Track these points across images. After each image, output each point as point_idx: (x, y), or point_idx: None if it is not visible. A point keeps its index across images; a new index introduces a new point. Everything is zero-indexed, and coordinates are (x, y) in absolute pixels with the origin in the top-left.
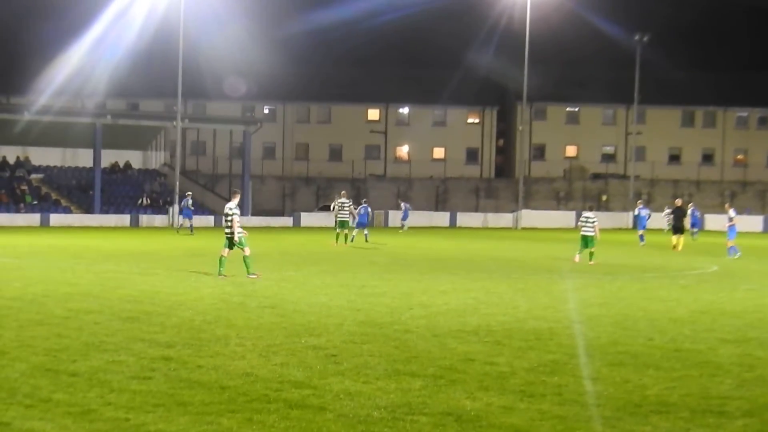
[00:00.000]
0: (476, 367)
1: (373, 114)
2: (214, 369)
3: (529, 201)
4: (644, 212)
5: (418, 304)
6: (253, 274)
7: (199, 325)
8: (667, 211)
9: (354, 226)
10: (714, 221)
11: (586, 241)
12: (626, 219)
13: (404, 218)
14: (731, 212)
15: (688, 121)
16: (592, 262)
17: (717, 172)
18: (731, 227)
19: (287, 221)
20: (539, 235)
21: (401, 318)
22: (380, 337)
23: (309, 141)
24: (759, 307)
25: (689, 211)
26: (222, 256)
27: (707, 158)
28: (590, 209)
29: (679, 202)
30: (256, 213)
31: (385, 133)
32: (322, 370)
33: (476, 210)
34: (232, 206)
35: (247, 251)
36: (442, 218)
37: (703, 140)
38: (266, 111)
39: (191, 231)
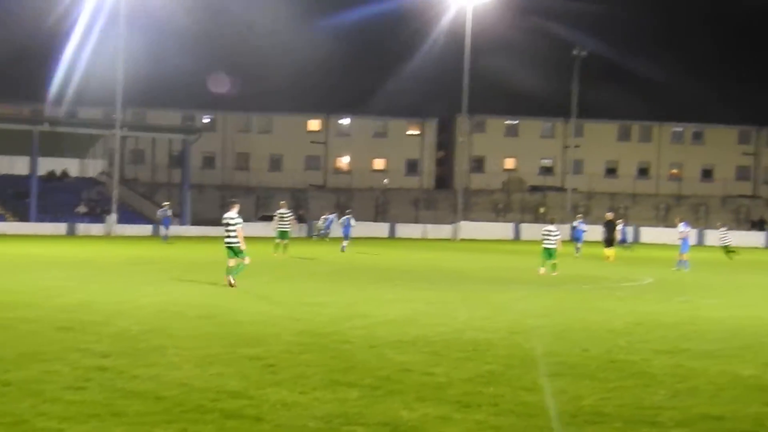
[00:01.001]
0: (414, 377)
1: (314, 124)
2: (150, 379)
3: (468, 213)
4: (583, 226)
5: (357, 315)
6: (233, 282)
7: (136, 335)
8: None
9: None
10: (649, 234)
11: (549, 254)
12: (564, 231)
13: (328, 226)
14: (681, 226)
15: (625, 136)
16: (555, 273)
17: (653, 186)
18: (684, 240)
19: None
20: (478, 247)
21: (340, 328)
22: (319, 347)
23: (249, 151)
24: (693, 318)
25: (618, 227)
26: (230, 266)
27: (643, 172)
28: (551, 222)
29: (610, 215)
30: (196, 223)
31: (326, 143)
32: (259, 380)
33: (415, 221)
34: (234, 216)
35: (248, 260)
36: (381, 229)
37: (639, 154)
38: (206, 120)
39: (165, 239)
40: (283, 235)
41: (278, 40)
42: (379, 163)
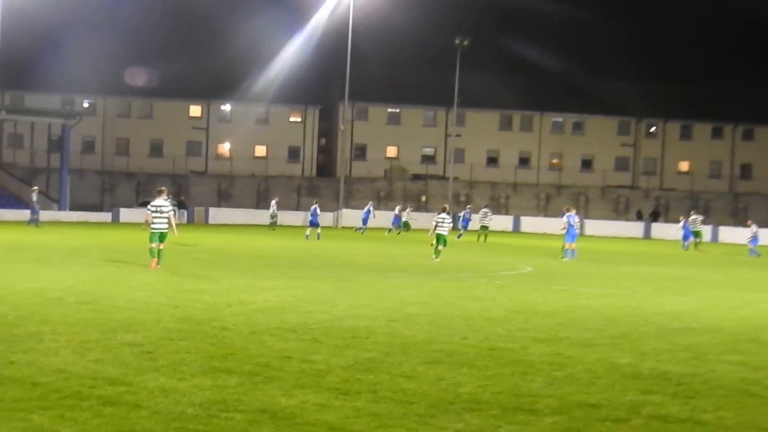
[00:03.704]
0: (293, 364)
1: (195, 110)
2: (26, 365)
3: (350, 200)
4: (468, 215)
5: (236, 302)
6: (158, 266)
7: (13, 321)
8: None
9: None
10: (530, 223)
11: (441, 240)
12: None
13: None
14: (567, 216)
15: (506, 125)
16: (437, 260)
17: (533, 175)
18: (570, 229)
19: (106, 216)
20: (359, 234)
21: (219, 315)
22: (198, 334)
23: (129, 136)
24: (571, 307)
25: (462, 214)
26: (152, 248)
27: (524, 161)
28: (444, 210)
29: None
30: (75, 208)
31: (207, 129)
32: (137, 367)
33: (297, 208)
34: (163, 203)
35: (162, 245)
36: (263, 216)
37: (520, 144)
38: (86, 105)
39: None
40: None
41: (158, 24)
42: (260, 150)
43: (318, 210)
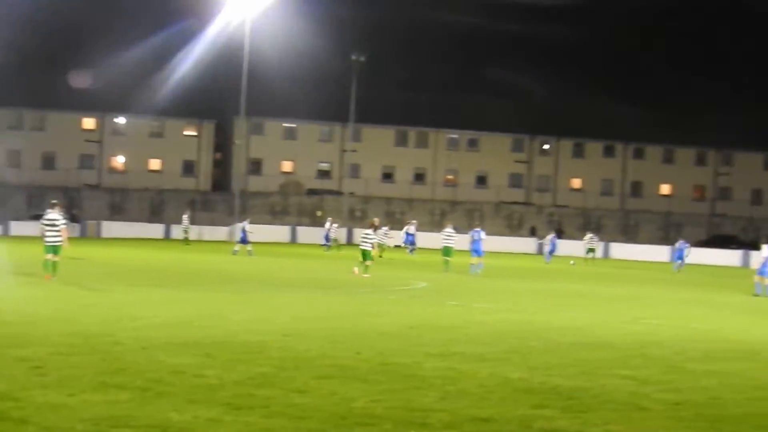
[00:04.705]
0: (185, 379)
1: (89, 123)
2: None
3: (245, 215)
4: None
5: (128, 317)
6: (54, 277)
7: None
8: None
9: None
10: (425, 239)
11: (365, 255)
12: (342, 235)
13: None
14: (474, 233)
15: (402, 141)
16: (367, 276)
17: (428, 191)
18: (475, 243)
19: None
20: (254, 249)
21: (110, 330)
22: (88, 348)
23: (21, 148)
24: (464, 322)
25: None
26: (47, 260)
27: (419, 177)
28: (371, 226)
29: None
30: None
31: (101, 142)
32: (25, 382)
33: (192, 223)
34: (57, 217)
35: (58, 258)
36: (156, 230)
37: (415, 160)
38: None
39: None
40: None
41: (53, 35)
42: (155, 164)
43: (247, 226)
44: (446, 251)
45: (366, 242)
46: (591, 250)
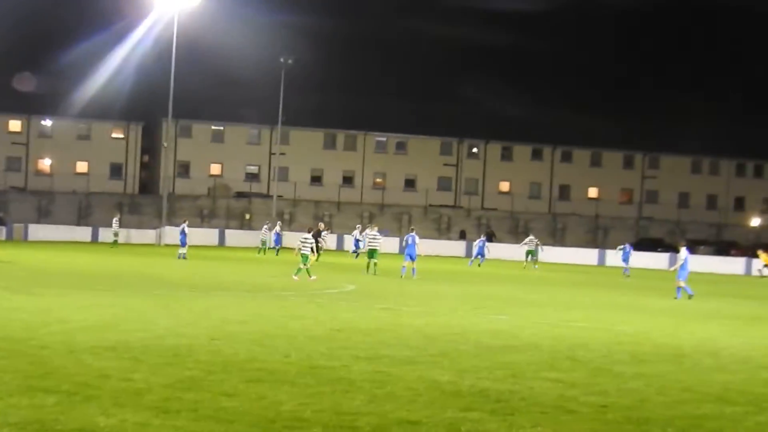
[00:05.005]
0: (112, 383)
1: (15, 125)
2: None
3: (173, 218)
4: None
5: (55, 320)
6: None
7: None
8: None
9: None
10: (352, 242)
11: (304, 258)
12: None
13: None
14: (409, 237)
15: (330, 144)
16: (296, 278)
17: (357, 194)
18: (410, 248)
19: None
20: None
21: (37, 334)
22: (14, 353)
23: None
24: (392, 325)
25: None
26: None
27: (348, 180)
28: (309, 230)
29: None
30: None
31: (27, 145)
32: None
33: (119, 226)
34: None
35: None
36: (83, 233)
37: (343, 163)
38: None
39: None
40: None
41: None
42: (82, 166)
43: (186, 228)
44: (371, 253)
45: (305, 246)
46: (531, 252)
